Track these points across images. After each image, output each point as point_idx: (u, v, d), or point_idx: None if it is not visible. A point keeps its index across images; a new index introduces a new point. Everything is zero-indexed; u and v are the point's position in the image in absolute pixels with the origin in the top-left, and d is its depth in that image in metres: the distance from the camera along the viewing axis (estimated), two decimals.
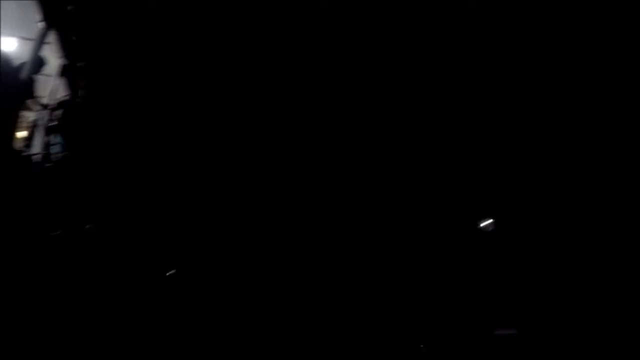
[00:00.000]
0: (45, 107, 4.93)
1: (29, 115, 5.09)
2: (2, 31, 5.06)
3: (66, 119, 4.76)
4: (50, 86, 4.99)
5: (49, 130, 4.90)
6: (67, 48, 4.73)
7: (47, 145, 4.96)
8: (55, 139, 4.81)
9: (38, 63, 4.72)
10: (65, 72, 4.83)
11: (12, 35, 5.37)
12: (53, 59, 5.02)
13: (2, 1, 4.86)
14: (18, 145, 5.12)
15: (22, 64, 4.69)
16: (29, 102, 4.92)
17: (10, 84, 4.59)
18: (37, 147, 5.15)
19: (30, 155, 5.09)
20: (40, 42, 4.70)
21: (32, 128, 5.13)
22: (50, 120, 4.90)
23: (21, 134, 5.18)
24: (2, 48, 5.02)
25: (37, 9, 4.61)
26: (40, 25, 4.69)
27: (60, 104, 4.87)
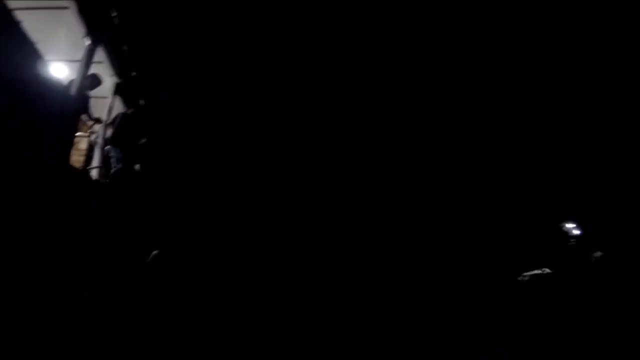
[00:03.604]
0: (102, 123, 5.11)
1: (86, 132, 5.32)
2: (49, 56, 5.11)
3: (123, 133, 4.87)
4: (107, 104, 5.13)
5: (106, 145, 5.09)
6: (118, 65, 4.83)
7: (105, 159, 5.17)
8: (113, 152, 4.97)
9: (90, 81, 4.79)
10: (119, 89, 4.94)
11: (60, 59, 5.28)
12: (106, 77, 5.07)
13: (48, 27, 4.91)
14: (78, 161, 5.39)
15: (71, 82, 4.70)
16: (84, 119, 5.10)
17: (64, 103, 4.69)
18: (96, 162, 5.40)
19: (90, 169, 5.35)
20: (88, 60, 4.70)
21: (91, 144, 5.38)
22: (108, 135, 5.08)
23: (80, 150, 5.44)
24: (52, 72, 5.12)
25: (82, 27, 4.56)
26: (87, 42, 4.67)
27: (116, 119, 5.00)
